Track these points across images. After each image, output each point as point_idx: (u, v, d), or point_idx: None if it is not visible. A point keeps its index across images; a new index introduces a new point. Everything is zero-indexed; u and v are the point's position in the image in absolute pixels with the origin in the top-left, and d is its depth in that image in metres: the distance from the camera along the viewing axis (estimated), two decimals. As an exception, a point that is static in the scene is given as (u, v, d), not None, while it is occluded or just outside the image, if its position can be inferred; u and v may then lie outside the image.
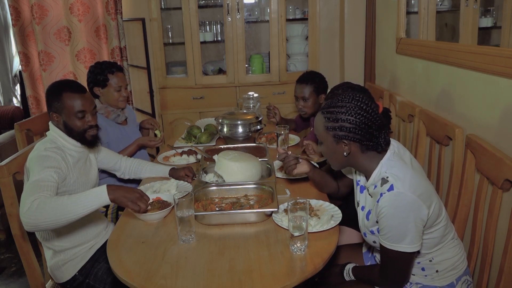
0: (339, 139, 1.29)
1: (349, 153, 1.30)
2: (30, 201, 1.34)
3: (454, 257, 1.39)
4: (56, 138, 1.65)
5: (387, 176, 1.25)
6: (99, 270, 1.69)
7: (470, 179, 1.62)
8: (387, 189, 1.22)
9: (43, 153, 1.55)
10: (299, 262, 1.27)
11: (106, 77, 2.19)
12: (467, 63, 1.74)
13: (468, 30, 2.02)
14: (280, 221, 1.48)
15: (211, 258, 1.31)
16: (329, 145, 1.32)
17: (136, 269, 1.26)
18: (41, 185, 1.41)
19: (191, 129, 2.56)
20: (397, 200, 1.21)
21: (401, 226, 1.21)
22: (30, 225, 1.34)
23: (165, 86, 3.47)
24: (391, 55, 2.76)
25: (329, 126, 1.29)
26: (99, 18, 3.33)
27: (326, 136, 1.32)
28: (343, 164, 1.36)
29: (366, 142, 1.28)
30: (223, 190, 1.72)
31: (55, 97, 1.63)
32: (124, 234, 1.49)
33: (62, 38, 3.29)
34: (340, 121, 1.27)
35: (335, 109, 1.28)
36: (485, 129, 1.65)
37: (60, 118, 1.64)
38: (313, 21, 3.35)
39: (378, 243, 1.33)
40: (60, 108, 1.63)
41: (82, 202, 1.37)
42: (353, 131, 1.26)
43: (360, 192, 1.44)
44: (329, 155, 1.35)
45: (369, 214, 1.36)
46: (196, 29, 3.33)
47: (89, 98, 1.68)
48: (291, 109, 3.42)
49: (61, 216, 1.34)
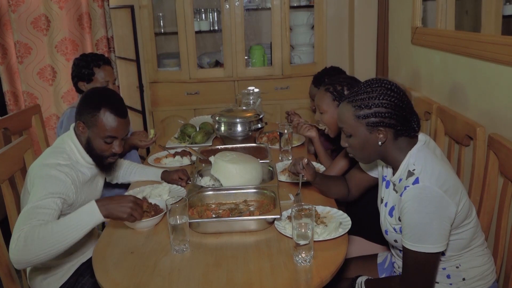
0: (374, 126, 1.29)
1: (384, 142, 1.31)
2: (17, 235, 1.31)
3: (483, 266, 1.40)
4: (71, 149, 1.61)
5: (413, 168, 1.27)
6: (84, 285, 1.68)
7: (493, 182, 1.62)
8: (412, 182, 1.24)
9: (53, 172, 1.49)
10: (304, 275, 1.28)
11: (91, 71, 2.19)
12: (490, 55, 1.75)
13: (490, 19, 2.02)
14: (283, 229, 1.48)
15: (207, 270, 1.31)
16: (361, 136, 1.32)
17: (124, 282, 1.26)
18: (37, 212, 1.38)
19: (185, 127, 2.56)
20: (422, 194, 1.22)
21: (425, 223, 1.22)
22: (20, 262, 1.31)
23: (156, 80, 3.48)
24: (406, 46, 2.76)
25: (360, 114, 1.30)
26: (82, 5, 3.32)
27: (357, 126, 1.32)
28: (375, 156, 1.37)
29: (400, 127, 1.29)
30: (220, 195, 1.73)
31: (91, 109, 1.56)
32: (111, 244, 1.49)
33: (39, 27, 3.27)
34: (374, 106, 1.28)
35: (365, 95, 1.30)
36: (509, 128, 1.65)
37: (86, 131, 1.59)
38: (320, 8, 3.36)
39: (400, 243, 1.34)
40: (91, 123, 1.57)
41: (74, 227, 1.34)
42: (389, 116, 1.28)
43: (385, 188, 1.45)
44: (360, 148, 1.35)
45: (393, 210, 1.38)
46: (190, 17, 3.33)
47: (127, 124, 1.62)
48: (296, 105, 3.43)
49: (53, 246, 1.31)
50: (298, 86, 3.44)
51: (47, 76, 3.33)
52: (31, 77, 3.31)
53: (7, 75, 3.36)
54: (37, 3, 3.24)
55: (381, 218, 1.47)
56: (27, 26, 3.25)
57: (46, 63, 3.35)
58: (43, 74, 3.33)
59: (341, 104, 1.37)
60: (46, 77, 3.34)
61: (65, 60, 3.37)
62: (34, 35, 3.28)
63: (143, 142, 2.26)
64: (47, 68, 3.35)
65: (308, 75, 3.10)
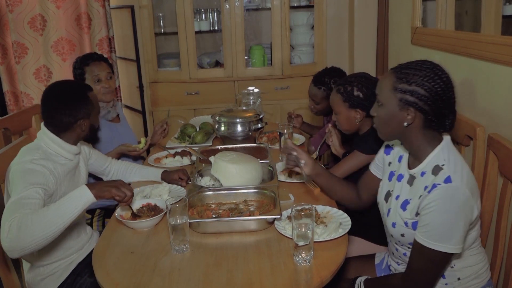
0: (406, 104, 1.26)
1: (410, 125, 1.28)
2: (9, 224, 1.31)
3: (477, 265, 1.40)
4: (48, 145, 1.62)
5: (443, 164, 1.25)
6: (82, 284, 1.69)
7: (493, 183, 1.62)
8: (443, 181, 1.22)
9: (28, 166, 1.51)
10: (304, 275, 1.28)
11: (82, 70, 2.21)
12: (490, 55, 1.75)
13: (490, 19, 2.02)
14: (283, 229, 1.49)
15: (207, 270, 1.31)
16: (389, 109, 1.29)
17: (124, 282, 1.27)
18: (23, 203, 1.39)
19: (185, 127, 2.56)
20: (455, 195, 1.21)
21: (452, 223, 1.21)
22: (15, 250, 1.32)
23: (156, 80, 3.48)
24: (406, 46, 2.76)
25: (399, 87, 1.26)
26: (81, 5, 3.28)
27: (390, 98, 1.29)
28: (395, 135, 1.34)
29: (432, 118, 1.26)
30: (220, 195, 1.73)
31: (82, 102, 1.64)
32: (111, 244, 1.49)
33: (36, 27, 3.23)
34: (414, 84, 1.24)
35: (411, 71, 1.26)
36: (509, 128, 1.65)
37: (87, 122, 1.66)
38: (320, 8, 3.36)
39: (407, 237, 1.33)
40: (89, 111, 1.66)
41: (66, 208, 1.36)
42: (424, 100, 1.24)
43: (397, 181, 1.43)
44: (384, 121, 1.32)
45: (406, 204, 1.35)
46: (190, 17, 3.33)
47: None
48: (296, 106, 3.43)
49: (47, 231, 1.32)
50: (298, 86, 3.44)
51: (42, 77, 3.29)
52: (28, 77, 3.28)
53: (7, 75, 3.35)
54: (34, 2, 3.19)
55: (383, 211, 1.46)
56: (24, 26, 3.21)
57: (41, 64, 3.30)
58: (38, 74, 3.30)
59: (388, 71, 1.33)
60: (41, 77, 3.29)
61: (61, 60, 3.33)
62: (31, 35, 3.24)
63: (133, 152, 2.21)
64: (42, 69, 3.30)
65: (308, 75, 3.10)
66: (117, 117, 2.38)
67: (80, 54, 3.27)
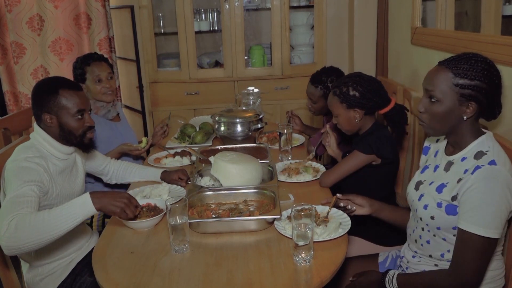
0: (467, 99, 1.28)
1: (469, 118, 1.30)
2: (8, 221, 1.31)
3: (496, 270, 1.39)
4: (41, 144, 1.62)
5: (487, 150, 1.27)
6: (82, 284, 1.68)
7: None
8: (488, 162, 1.24)
9: (23, 163, 1.51)
10: (303, 275, 1.28)
11: (83, 70, 2.21)
12: (489, 55, 1.72)
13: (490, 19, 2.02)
14: (283, 229, 1.48)
15: (206, 270, 1.31)
16: (448, 105, 1.30)
17: (124, 282, 1.26)
18: (20, 201, 1.39)
19: (184, 127, 2.56)
20: (497, 176, 1.22)
21: (494, 205, 1.21)
22: (10, 248, 1.32)
23: (156, 80, 3.47)
24: (406, 46, 2.76)
25: (460, 83, 1.27)
26: (80, 5, 3.27)
27: (449, 94, 1.29)
28: (448, 129, 1.34)
29: (487, 108, 1.30)
30: (220, 195, 1.73)
31: (50, 96, 1.59)
32: (111, 244, 1.49)
33: (34, 27, 3.22)
34: (476, 79, 1.26)
35: (468, 66, 1.28)
36: (509, 128, 1.65)
37: (55, 119, 1.61)
38: (320, 8, 3.36)
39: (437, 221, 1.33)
40: (56, 108, 1.60)
41: (66, 216, 1.35)
42: (485, 93, 1.27)
43: (433, 171, 1.44)
44: (441, 116, 1.32)
45: (443, 187, 1.35)
46: (190, 18, 3.33)
47: (86, 95, 1.69)
48: (296, 106, 3.43)
49: (43, 235, 1.32)
50: (298, 86, 3.43)
51: (39, 77, 3.28)
52: (26, 77, 3.28)
53: (7, 75, 3.34)
54: (32, 2, 3.18)
55: (412, 198, 1.45)
56: (22, 26, 3.21)
57: (38, 64, 3.30)
58: (36, 74, 3.29)
59: (437, 67, 1.34)
60: (39, 78, 3.29)
61: (59, 60, 3.32)
62: (29, 35, 3.23)
63: (135, 152, 2.22)
64: (39, 69, 3.30)
65: (308, 75, 3.08)
66: (117, 116, 2.38)
67: (78, 54, 3.28)
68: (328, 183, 1.85)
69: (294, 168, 1.98)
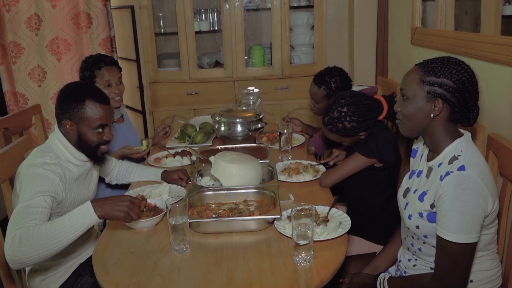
0: (434, 96, 1.29)
1: (436, 116, 1.30)
2: (12, 236, 1.30)
3: (492, 270, 1.40)
4: (59, 148, 1.60)
5: (459, 154, 1.27)
6: (83, 285, 1.68)
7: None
8: (457, 168, 1.24)
9: (39, 171, 1.48)
10: (303, 274, 1.28)
11: (92, 73, 2.17)
12: (489, 55, 1.75)
13: (490, 19, 2.02)
14: (283, 229, 1.49)
15: (207, 270, 1.31)
16: (417, 102, 1.31)
17: (124, 282, 1.27)
18: (29, 212, 1.38)
19: (185, 127, 2.56)
20: (466, 182, 1.22)
21: (464, 211, 1.21)
22: (15, 262, 1.31)
23: (156, 80, 3.47)
24: (406, 46, 2.76)
25: (426, 79, 1.29)
26: (79, 4, 3.24)
27: (417, 91, 1.31)
28: (420, 129, 1.35)
29: (458, 109, 1.29)
30: (220, 195, 1.73)
31: (75, 103, 1.55)
32: (112, 244, 1.49)
33: (32, 27, 3.20)
34: (443, 76, 1.28)
35: (438, 64, 1.29)
36: (509, 128, 1.65)
37: (75, 127, 1.58)
38: (320, 8, 3.35)
39: (422, 230, 1.34)
40: (78, 117, 1.56)
41: (68, 227, 1.33)
42: (452, 91, 1.27)
43: (416, 177, 1.45)
44: (411, 114, 1.33)
45: (424, 195, 1.36)
46: (190, 18, 3.33)
47: (112, 110, 1.66)
48: (296, 106, 3.43)
49: (47, 248, 1.31)
50: (298, 86, 3.43)
51: (36, 77, 3.28)
52: (23, 77, 3.27)
53: (7, 75, 3.34)
54: (30, 2, 3.16)
55: (401, 206, 1.47)
56: (21, 25, 3.19)
57: (35, 64, 3.28)
58: (33, 74, 3.28)
59: (413, 67, 1.35)
60: (36, 77, 3.28)
61: (56, 60, 3.30)
62: (27, 35, 3.21)
63: (136, 155, 2.19)
64: (37, 69, 3.28)
65: (308, 75, 3.11)
66: (121, 117, 2.38)
67: (77, 54, 3.27)
68: (328, 183, 1.85)
69: (294, 168, 1.98)
